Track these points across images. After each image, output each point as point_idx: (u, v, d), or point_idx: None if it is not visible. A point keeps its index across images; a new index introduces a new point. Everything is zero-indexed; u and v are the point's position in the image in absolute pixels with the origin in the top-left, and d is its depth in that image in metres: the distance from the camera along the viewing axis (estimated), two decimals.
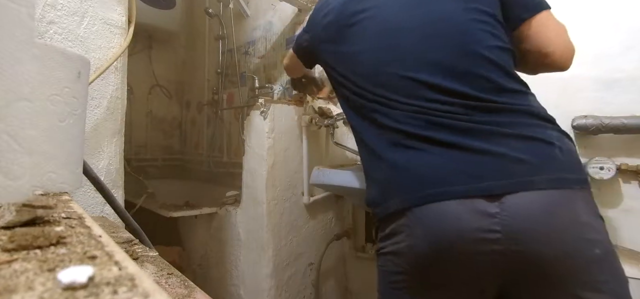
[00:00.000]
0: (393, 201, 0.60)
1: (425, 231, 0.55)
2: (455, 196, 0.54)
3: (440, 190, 0.55)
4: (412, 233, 0.57)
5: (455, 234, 0.53)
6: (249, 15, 2.02)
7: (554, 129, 0.59)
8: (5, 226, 0.27)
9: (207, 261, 1.60)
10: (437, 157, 0.57)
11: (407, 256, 0.58)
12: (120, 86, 0.90)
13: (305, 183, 1.40)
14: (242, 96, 2.06)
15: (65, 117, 0.46)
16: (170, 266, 0.54)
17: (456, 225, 0.53)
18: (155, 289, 0.18)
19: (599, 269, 0.51)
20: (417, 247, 0.57)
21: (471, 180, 0.54)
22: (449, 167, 0.56)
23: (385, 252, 0.63)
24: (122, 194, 0.93)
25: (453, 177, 0.55)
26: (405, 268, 0.59)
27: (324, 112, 1.36)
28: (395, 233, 0.60)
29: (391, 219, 0.61)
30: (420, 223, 0.56)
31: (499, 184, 0.53)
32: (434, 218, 0.55)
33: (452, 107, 0.59)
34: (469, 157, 0.55)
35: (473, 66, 0.60)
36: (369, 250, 1.45)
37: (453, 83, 0.60)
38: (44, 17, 0.77)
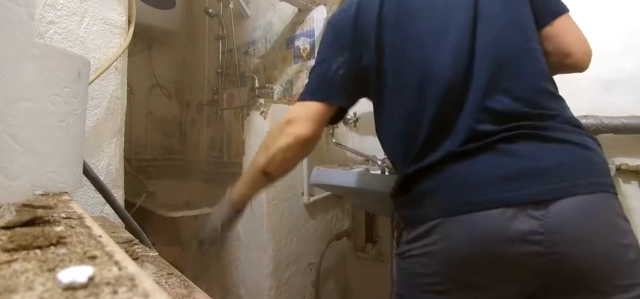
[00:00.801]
0: (432, 207, 0.59)
1: (467, 235, 0.55)
2: (499, 203, 0.53)
3: (484, 198, 0.54)
4: (451, 234, 0.56)
5: (498, 238, 0.53)
6: (249, 15, 2.02)
7: (588, 134, 0.59)
8: (5, 226, 0.27)
9: (207, 261, 1.60)
10: (480, 163, 0.56)
11: (443, 257, 0.57)
12: (120, 86, 0.91)
13: (305, 183, 1.40)
14: (242, 96, 2.06)
15: (65, 117, 0.46)
16: (170, 266, 0.55)
17: (499, 231, 0.53)
18: (155, 289, 0.18)
19: (633, 272, 0.52)
20: (456, 248, 0.56)
21: (515, 186, 0.53)
22: (492, 173, 0.55)
23: (414, 254, 0.61)
24: (122, 194, 0.93)
25: (497, 183, 0.54)
26: (440, 269, 0.58)
27: None
28: (428, 235, 0.59)
29: (422, 223, 0.60)
30: (462, 227, 0.55)
31: (543, 189, 0.52)
32: (477, 224, 0.54)
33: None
34: (512, 163, 0.55)
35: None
36: (369, 250, 1.45)
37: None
38: (44, 17, 0.77)
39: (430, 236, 0.59)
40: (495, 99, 0.58)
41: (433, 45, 0.63)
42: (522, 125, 0.56)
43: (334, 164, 1.39)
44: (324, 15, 1.59)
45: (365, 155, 1.32)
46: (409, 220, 0.64)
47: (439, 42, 0.62)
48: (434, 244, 0.58)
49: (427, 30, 0.64)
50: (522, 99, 0.58)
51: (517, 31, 0.62)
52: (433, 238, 0.58)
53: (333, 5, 1.55)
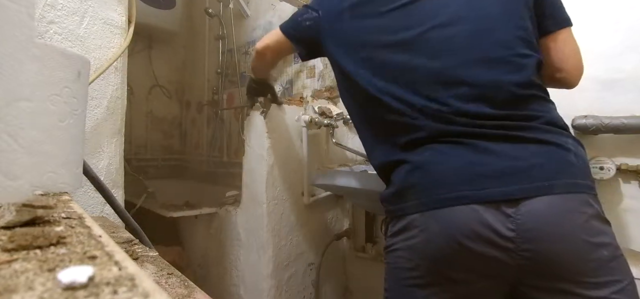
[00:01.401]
0: (411, 201, 0.61)
1: (441, 230, 0.57)
2: (471, 200, 0.55)
3: (460, 194, 0.56)
4: (427, 228, 0.58)
5: (469, 234, 0.55)
6: (249, 15, 2.02)
7: (569, 136, 0.60)
8: (5, 226, 0.27)
9: (207, 261, 1.60)
10: (457, 158, 0.58)
11: (422, 251, 0.59)
12: (120, 86, 0.90)
13: (305, 183, 1.40)
14: (242, 96, 2.06)
15: (65, 117, 0.46)
16: (170, 266, 0.55)
17: (470, 227, 0.54)
18: (155, 289, 0.18)
19: (607, 271, 0.53)
20: (433, 242, 0.57)
21: (491, 183, 0.55)
22: (467, 171, 0.57)
23: (396, 248, 0.63)
24: (122, 194, 0.93)
25: (473, 180, 0.56)
26: (419, 263, 0.60)
27: (324, 112, 1.36)
28: (408, 229, 0.61)
29: (404, 216, 0.62)
30: (437, 221, 0.57)
31: (518, 188, 0.54)
32: (449, 219, 0.56)
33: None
34: (490, 160, 0.56)
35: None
36: (369, 250, 1.45)
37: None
38: (44, 17, 0.77)
39: (410, 230, 0.60)
40: (477, 98, 0.60)
41: (420, 32, 0.64)
42: (503, 125, 0.58)
43: (334, 164, 1.39)
44: None
45: (365, 155, 1.32)
46: (392, 214, 0.65)
47: (424, 31, 0.64)
48: (413, 238, 0.60)
49: (420, 15, 0.65)
50: (505, 101, 0.59)
51: (508, 33, 0.63)
52: (413, 232, 0.60)
53: None
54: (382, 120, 0.67)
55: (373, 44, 0.68)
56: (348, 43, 0.71)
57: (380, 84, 0.66)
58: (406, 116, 0.63)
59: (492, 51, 0.61)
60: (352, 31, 0.70)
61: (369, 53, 0.68)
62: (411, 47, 0.64)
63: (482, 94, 0.60)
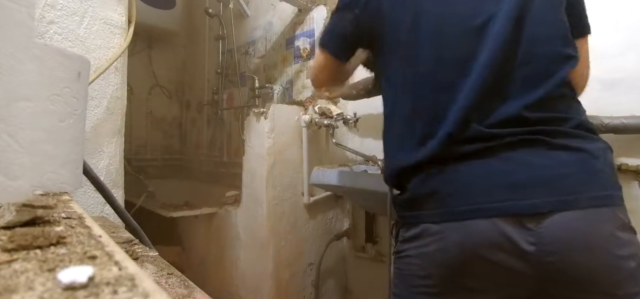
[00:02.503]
0: (427, 210, 0.58)
1: (461, 241, 0.54)
2: (494, 213, 0.52)
3: (481, 207, 0.53)
4: (444, 237, 0.56)
5: (490, 247, 0.53)
6: (249, 15, 2.02)
7: (598, 140, 0.57)
8: (5, 226, 0.27)
9: (207, 261, 1.60)
10: (478, 167, 0.55)
11: (436, 260, 0.57)
12: (120, 86, 0.91)
13: (305, 183, 1.40)
14: (242, 96, 2.06)
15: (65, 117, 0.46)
16: (170, 266, 0.55)
17: (492, 240, 0.52)
18: (155, 289, 0.18)
19: (634, 282, 0.52)
20: (449, 251, 0.55)
21: (514, 195, 0.52)
22: (491, 181, 0.54)
23: (409, 255, 0.61)
24: (122, 194, 0.93)
25: (494, 192, 0.53)
26: (433, 271, 0.58)
27: (324, 112, 1.36)
28: (422, 237, 0.59)
29: (418, 224, 0.59)
30: (456, 232, 0.55)
31: (542, 202, 0.51)
32: (471, 232, 0.54)
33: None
34: (513, 171, 0.53)
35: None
36: (369, 250, 1.45)
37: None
38: (44, 17, 0.77)
39: (425, 237, 0.58)
40: (503, 101, 0.56)
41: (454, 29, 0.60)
42: (529, 130, 0.54)
43: (334, 164, 1.39)
44: (324, 15, 1.59)
45: (365, 155, 1.32)
46: (405, 219, 0.63)
47: (457, 29, 0.60)
48: (428, 246, 0.58)
49: (448, 13, 0.61)
50: (534, 103, 0.56)
51: (551, 36, 0.59)
52: (428, 240, 0.58)
53: (333, 5, 1.55)
54: (404, 119, 0.64)
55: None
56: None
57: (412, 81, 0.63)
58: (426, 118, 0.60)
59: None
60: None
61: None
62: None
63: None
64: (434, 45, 0.61)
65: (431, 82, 0.61)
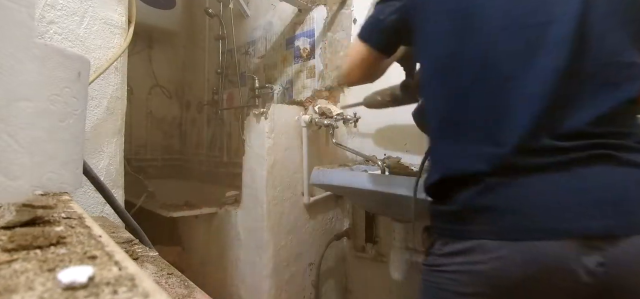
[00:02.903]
0: (483, 226, 0.53)
1: (523, 262, 0.50)
2: (564, 235, 0.49)
3: (548, 226, 0.49)
4: (503, 256, 0.51)
5: (557, 270, 0.50)
6: (249, 15, 2.02)
7: None
8: (5, 226, 0.27)
9: (207, 261, 1.60)
10: (544, 185, 0.51)
11: (489, 279, 0.53)
12: (120, 86, 0.91)
13: (305, 183, 1.40)
14: (242, 96, 2.06)
15: (65, 117, 0.46)
16: (170, 266, 0.55)
17: (560, 262, 0.49)
18: (155, 289, 0.18)
19: None
20: (507, 273, 0.51)
21: (583, 216, 0.49)
22: (558, 199, 0.50)
23: (450, 270, 0.56)
24: (122, 194, 0.93)
25: (563, 211, 0.49)
26: (481, 290, 0.54)
27: (324, 112, 1.36)
28: (471, 253, 0.54)
29: (467, 239, 0.55)
30: (518, 253, 0.51)
31: (617, 224, 0.48)
32: (536, 253, 0.50)
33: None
34: (581, 188, 0.50)
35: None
36: (369, 250, 1.45)
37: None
38: (44, 17, 0.77)
39: (473, 254, 0.54)
40: (571, 111, 0.52)
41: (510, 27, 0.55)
42: (597, 143, 0.51)
43: (334, 164, 1.39)
44: (324, 15, 1.59)
45: (365, 155, 1.32)
46: (447, 233, 0.58)
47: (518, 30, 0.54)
48: (478, 264, 0.53)
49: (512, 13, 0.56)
50: (602, 116, 0.52)
51: (621, 44, 0.55)
52: (478, 257, 0.53)
53: (333, 5, 1.55)
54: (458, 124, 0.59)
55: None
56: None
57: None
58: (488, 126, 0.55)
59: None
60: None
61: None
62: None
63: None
64: (489, 41, 0.56)
65: (489, 82, 0.55)
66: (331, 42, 1.56)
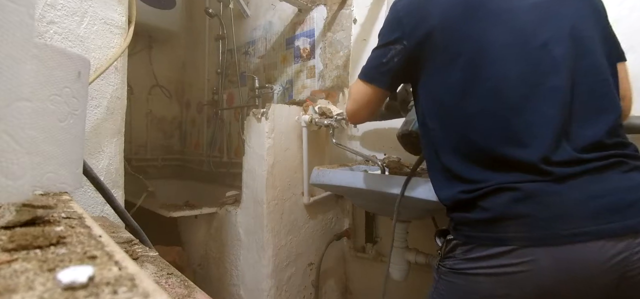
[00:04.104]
0: (516, 233, 0.56)
1: (558, 267, 0.54)
2: (598, 236, 0.53)
3: (582, 230, 0.53)
4: (537, 260, 0.55)
5: (593, 272, 0.53)
6: (249, 15, 2.02)
7: None
8: (5, 226, 0.27)
9: (207, 261, 1.60)
10: (576, 191, 0.55)
11: (522, 282, 0.56)
12: (120, 86, 0.91)
13: (305, 183, 1.40)
14: (242, 96, 2.06)
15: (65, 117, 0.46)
16: (170, 266, 0.54)
17: (597, 264, 0.53)
18: (155, 289, 0.18)
19: None
20: (541, 277, 0.54)
21: (614, 218, 0.53)
22: (590, 204, 0.54)
23: (479, 273, 0.59)
24: (122, 194, 0.93)
25: (595, 215, 0.54)
26: (513, 292, 0.57)
27: (324, 112, 1.36)
28: (503, 256, 0.57)
29: (499, 244, 0.57)
30: (552, 258, 0.54)
31: (636, 223, 0.53)
32: (572, 258, 0.54)
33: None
34: (609, 192, 0.55)
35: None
36: (369, 250, 1.45)
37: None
38: (44, 17, 0.77)
39: (506, 258, 0.56)
40: (587, 126, 0.59)
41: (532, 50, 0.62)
42: (612, 154, 0.57)
43: (334, 164, 1.39)
44: (324, 15, 1.59)
45: (365, 155, 1.32)
46: (474, 239, 0.61)
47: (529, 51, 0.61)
48: (510, 267, 0.56)
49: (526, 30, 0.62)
50: (610, 129, 0.59)
51: (604, 62, 0.63)
52: (510, 261, 0.56)
53: (333, 5, 1.55)
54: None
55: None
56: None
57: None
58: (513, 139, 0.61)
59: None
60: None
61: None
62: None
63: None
64: (499, 63, 0.61)
65: (503, 101, 0.60)
66: (331, 42, 1.56)
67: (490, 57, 0.61)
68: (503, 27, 0.62)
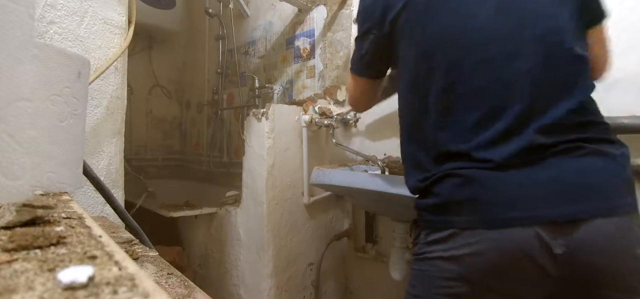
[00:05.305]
0: (462, 216, 0.58)
1: (497, 248, 0.55)
2: (532, 222, 0.54)
3: (519, 215, 0.54)
4: (480, 241, 0.56)
5: (526, 255, 0.54)
6: (249, 15, 2.02)
7: (620, 144, 0.58)
8: (5, 226, 0.27)
9: (207, 261, 1.60)
10: (517, 175, 0.55)
11: (468, 263, 0.57)
12: (120, 86, 0.91)
13: (305, 183, 1.40)
14: (242, 96, 2.06)
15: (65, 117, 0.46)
16: (170, 266, 0.54)
17: (529, 248, 0.54)
18: (155, 289, 0.18)
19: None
20: (484, 257, 0.56)
21: (551, 204, 0.53)
22: (531, 190, 0.55)
23: (435, 257, 0.61)
24: (122, 194, 0.93)
25: (533, 201, 0.54)
26: (462, 274, 0.58)
27: (324, 112, 1.36)
28: (452, 239, 0.59)
29: (449, 227, 0.59)
30: (492, 239, 0.55)
31: (579, 209, 0.53)
32: (507, 239, 0.55)
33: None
34: (553, 178, 0.54)
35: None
36: (369, 250, 1.45)
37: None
38: (44, 17, 0.77)
39: (454, 240, 0.58)
40: (545, 108, 0.57)
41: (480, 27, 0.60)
42: (570, 138, 0.56)
43: (334, 164, 1.39)
44: (324, 16, 1.59)
45: (365, 155, 1.32)
46: (431, 224, 0.63)
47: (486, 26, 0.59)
48: (458, 249, 0.58)
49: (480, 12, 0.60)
50: (573, 109, 0.57)
51: (565, 31, 0.59)
52: (458, 243, 0.58)
53: (333, 5, 1.55)
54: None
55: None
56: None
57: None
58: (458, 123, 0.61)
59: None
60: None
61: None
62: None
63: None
64: (458, 49, 0.61)
65: (463, 88, 0.60)
66: (331, 42, 1.56)
67: (446, 46, 0.62)
68: (453, 16, 0.62)
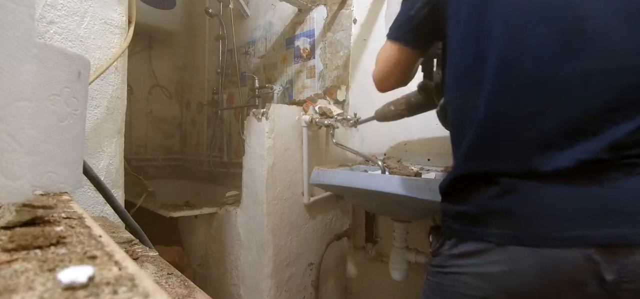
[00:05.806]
0: (498, 230, 0.52)
1: (539, 269, 0.49)
2: (582, 243, 0.47)
3: (566, 235, 0.48)
4: (518, 260, 0.50)
5: (573, 279, 0.48)
6: (249, 15, 2.02)
7: None
8: (5, 226, 0.27)
9: (207, 261, 1.60)
10: (568, 193, 0.49)
11: (502, 282, 0.52)
12: (120, 86, 0.91)
13: (305, 183, 1.40)
14: (242, 96, 2.06)
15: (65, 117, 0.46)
16: (170, 266, 0.54)
17: (577, 272, 0.48)
18: (155, 289, 0.18)
19: None
20: (522, 278, 0.50)
21: (605, 225, 0.47)
22: (580, 208, 0.48)
23: (460, 272, 0.55)
24: (122, 194, 0.93)
25: (583, 220, 0.48)
26: (493, 293, 0.53)
27: (324, 112, 1.36)
28: (483, 254, 0.53)
29: (480, 240, 0.53)
30: (534, 258, 0.49)
31: (634, 233, 0.46)
32: (553, 261, 0.49)
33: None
34: (605, 197, 0.48)
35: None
36: (369, 250, 1.45)
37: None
38: (44, 17, 0.77)
39: (486, 255, 0.53)
40: (605, 122, 0.49)
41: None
42: (627, 155, 0.48)
43: (334, 164, 1.39)
44: (324, 16, 1.59)
45: (365, 155, 1.32)
46: (459, 234, 0.57)
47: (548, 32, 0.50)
48: (490, 266, 0.52)
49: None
50: (637, 127, 0.49)
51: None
52: (491, 259, 0.52)
53: (333, 5, 1.55)
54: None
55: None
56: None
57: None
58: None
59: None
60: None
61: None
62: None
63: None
64: (516, 38, 0.52)
65: (515, 82, 0.52)
66: (331, 42, 1.56)
67: (505, 31, 0.53)
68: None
